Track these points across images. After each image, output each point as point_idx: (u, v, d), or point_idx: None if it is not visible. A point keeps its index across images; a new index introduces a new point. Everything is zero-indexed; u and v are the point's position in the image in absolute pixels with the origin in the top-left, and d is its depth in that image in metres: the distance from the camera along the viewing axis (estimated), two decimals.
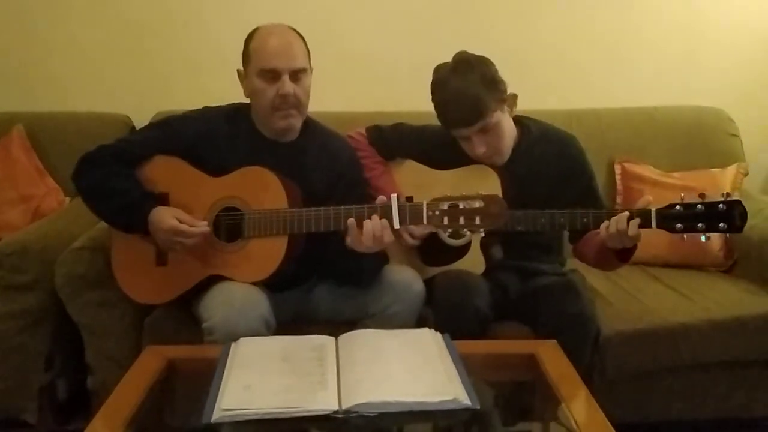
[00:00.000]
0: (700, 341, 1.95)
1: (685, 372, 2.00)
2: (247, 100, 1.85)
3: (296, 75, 1.75)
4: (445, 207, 1.56)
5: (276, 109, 1.76)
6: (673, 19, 2.73)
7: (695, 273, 2.31)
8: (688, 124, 2.58)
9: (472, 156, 1.83)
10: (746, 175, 2.45)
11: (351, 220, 1.62)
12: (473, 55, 1.81)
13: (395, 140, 2.02)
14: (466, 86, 1.75)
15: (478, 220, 1.53)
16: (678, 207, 1.59)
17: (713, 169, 2.46)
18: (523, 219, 1.69)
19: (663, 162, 2.51)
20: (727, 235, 1.65)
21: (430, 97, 1.83)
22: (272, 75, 1.74)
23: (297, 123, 1.81)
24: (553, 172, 1.88)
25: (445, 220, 1.56)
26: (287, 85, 1.74)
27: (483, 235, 1.60)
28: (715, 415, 2.06)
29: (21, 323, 1.98)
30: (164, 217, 1.70)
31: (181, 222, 1.69)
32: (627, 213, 1.61)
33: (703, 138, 2.56)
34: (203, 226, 1.71)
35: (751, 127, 2.68)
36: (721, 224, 1.55)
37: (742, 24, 2.74)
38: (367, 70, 2.68)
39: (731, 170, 2.44)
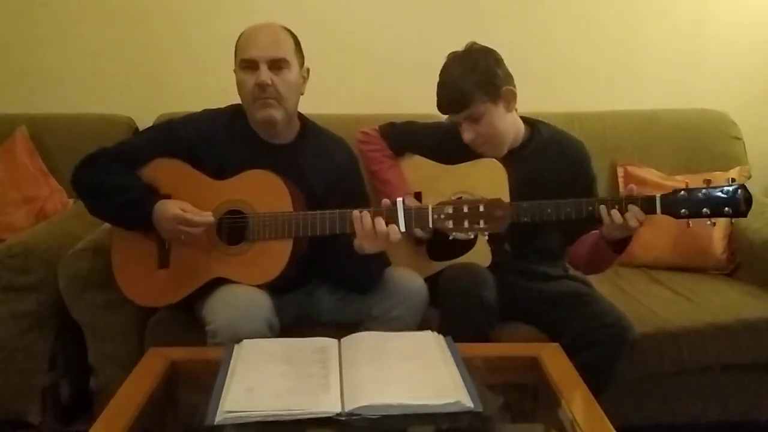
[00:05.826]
0: (702, 344, 1.95)
1: (688, 375, 1.99)
2: None
3: (276, 65, 1.74)
4: (450, 211, 1.58)
5: (255, 100, 1.75)
6: (676, 22, 2.74)
7: (698, 276, 2.31)
8: (691, 127, 2.58)
9: (465, 142, 1.87)
10: (749, 178, 2.45)
11: (356, 214, 1.62)
12: (481, 46, 1.84)
13: (407, 135, 2.05)
14: (456, 77, 1.80)
15: (482, 224, 1.56)
16: (682, 192, 1.60)
17: (716, 172, 2.45)
18: (529, 210, 1.70)
19: (666, 165, 2.52)
20: (732, 221, 1.64)
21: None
22: (250, 65, 1.74)
23: (277, 114, 1.76)
24: (558, 173, 1.89)
25: (450, 224, 1.58)
26: (264, 74, 1.72)
27: (487, 237, 1.62)
28: (718, 418, 2.06)
29: (24, 324, 1.99)
30: (169, 207, 1.69)
31: (185, 211, 1.69)
32: (639, 199, 1.61)
33: (706, 141, 2.56)
34: (208, 216, 1.69)
35: (754, 130, 2.68)
36: (726, 209, 1.56)
37: (746, 27, 2.75)
38: (371, 72, 2.68)
39: (734, 173, 2.43)
